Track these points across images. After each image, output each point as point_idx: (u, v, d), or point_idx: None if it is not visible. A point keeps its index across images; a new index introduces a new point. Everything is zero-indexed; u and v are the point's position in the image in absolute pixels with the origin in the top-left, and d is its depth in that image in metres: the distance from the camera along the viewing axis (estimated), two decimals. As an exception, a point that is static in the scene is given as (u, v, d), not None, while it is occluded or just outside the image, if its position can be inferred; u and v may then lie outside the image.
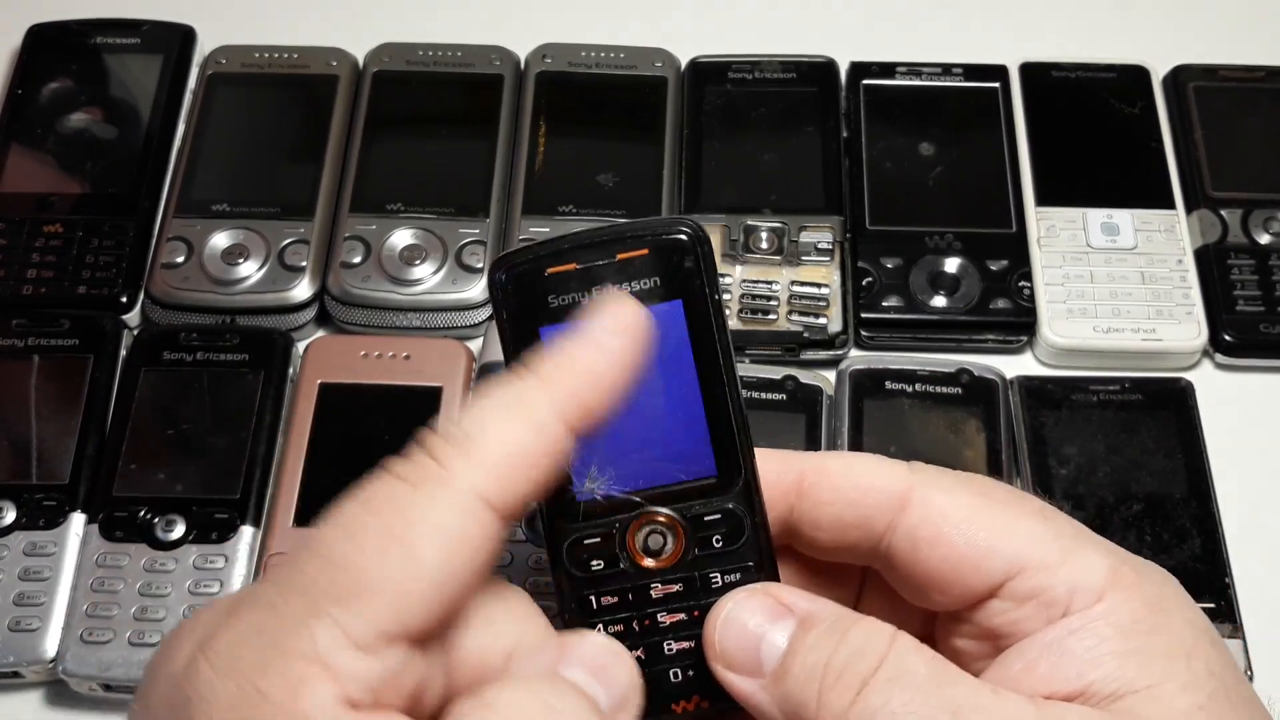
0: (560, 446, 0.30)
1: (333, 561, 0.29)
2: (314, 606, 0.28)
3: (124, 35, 0.68)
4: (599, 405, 0.31)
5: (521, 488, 0.30)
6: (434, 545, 0.29)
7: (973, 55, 0.67)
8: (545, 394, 0.30)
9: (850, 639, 0.31)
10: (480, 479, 0.30)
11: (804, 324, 0.59)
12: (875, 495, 0.33)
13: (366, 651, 0.28)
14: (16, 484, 0.54)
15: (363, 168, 0.63)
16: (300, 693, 0.28)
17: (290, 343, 0.59)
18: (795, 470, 0.34)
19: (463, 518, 0.29)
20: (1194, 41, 0.69)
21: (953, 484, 0.33)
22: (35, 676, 0.52)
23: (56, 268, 0.61)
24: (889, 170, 0.64)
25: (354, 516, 0.30)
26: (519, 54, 0.68)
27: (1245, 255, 0.61)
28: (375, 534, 0.29)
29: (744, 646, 0.32)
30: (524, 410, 0.30)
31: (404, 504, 0.29)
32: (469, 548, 0.29)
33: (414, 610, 0.29)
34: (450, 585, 0.29)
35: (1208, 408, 0.57)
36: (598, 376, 0.30)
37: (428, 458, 0.30)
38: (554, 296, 0.32)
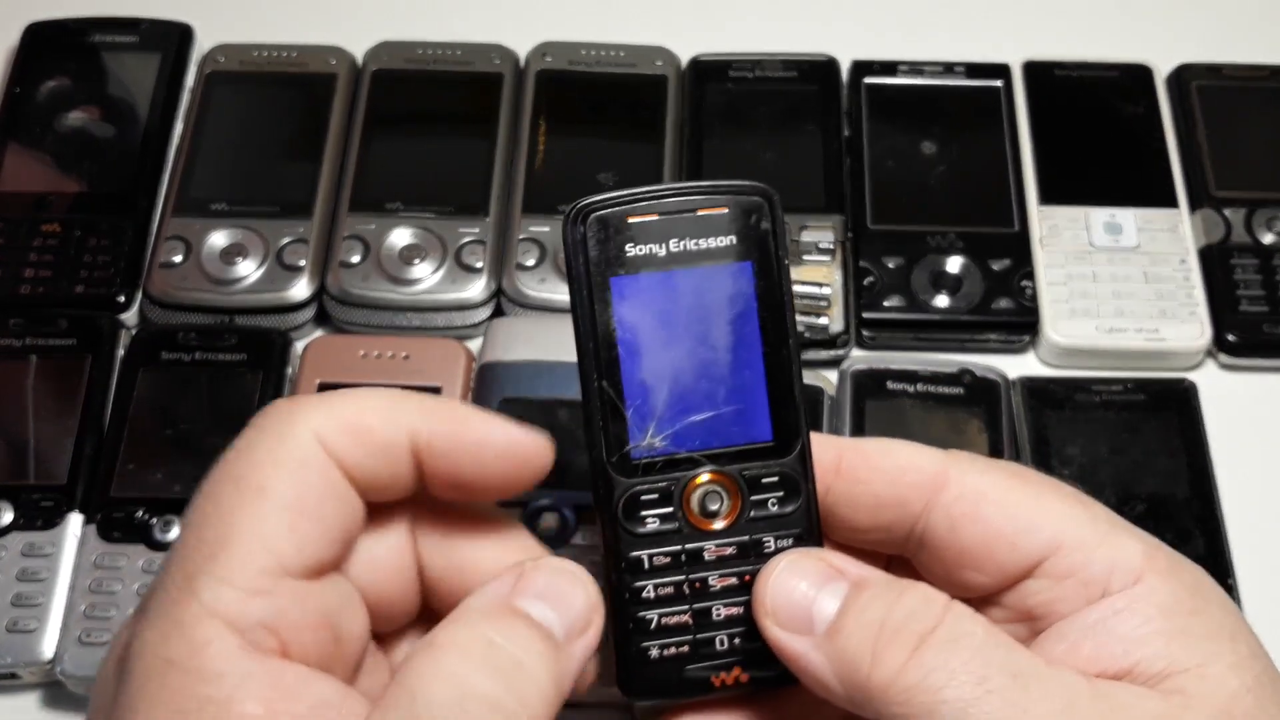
0: (401, 448, 0.32)
1: (198, 524, 0.30)
2: (192, 570, 0.30)
3: (122, 33, 0.68)
4: (444, 439, 0.32)
5: (359, 448, 0.31)
6: (280, 479, 0.30)
7: (975, 54, 0.67)
8: (421, 403, 0.32)
9: (906, 600, 0.31)
10: (321, 423, 0.31)
11: (805, 324, 0.59)
12: (913, 475, 0.33)
13: (252, 594, 0.29)
14: (14, 484, 0.54)
15: (362, 167, 0.63)
16: (203, 652, 0.29)
17: (289, 342, 0.59)
18: (834, 450, 0.34)
19: (304, 454, 0.31)
20: (1197, 40, 0.69)
21: (988, 466, 0.34)
22: (33, 678, 0.52)
23: (54, 267, 0.60)
24: (891, 169, 0.64)
25: (212, 478, 0.31)
26: (519, 52, 0.68)
27: (1249, 255, 0.61)
28: (230, 484, 0.31)
29: (796, 604, 0.32)
30: (394, 399, 0.32)
31: (248, 448, 0.31)
32: (317, 478, 0.31)
33: (282, 540, 0.30)
34: (311, 510, 0.31)
35: (1211, 408, 0.57)
36: (473, 437, 0.32)
37: (284, 402, 0.32)
38: (631, 245, 0.33)
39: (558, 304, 0.60)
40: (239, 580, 0.29)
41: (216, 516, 0.30)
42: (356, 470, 0.32)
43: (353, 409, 0.32)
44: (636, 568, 0.33)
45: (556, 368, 0.56)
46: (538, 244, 0.61)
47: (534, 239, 0.61)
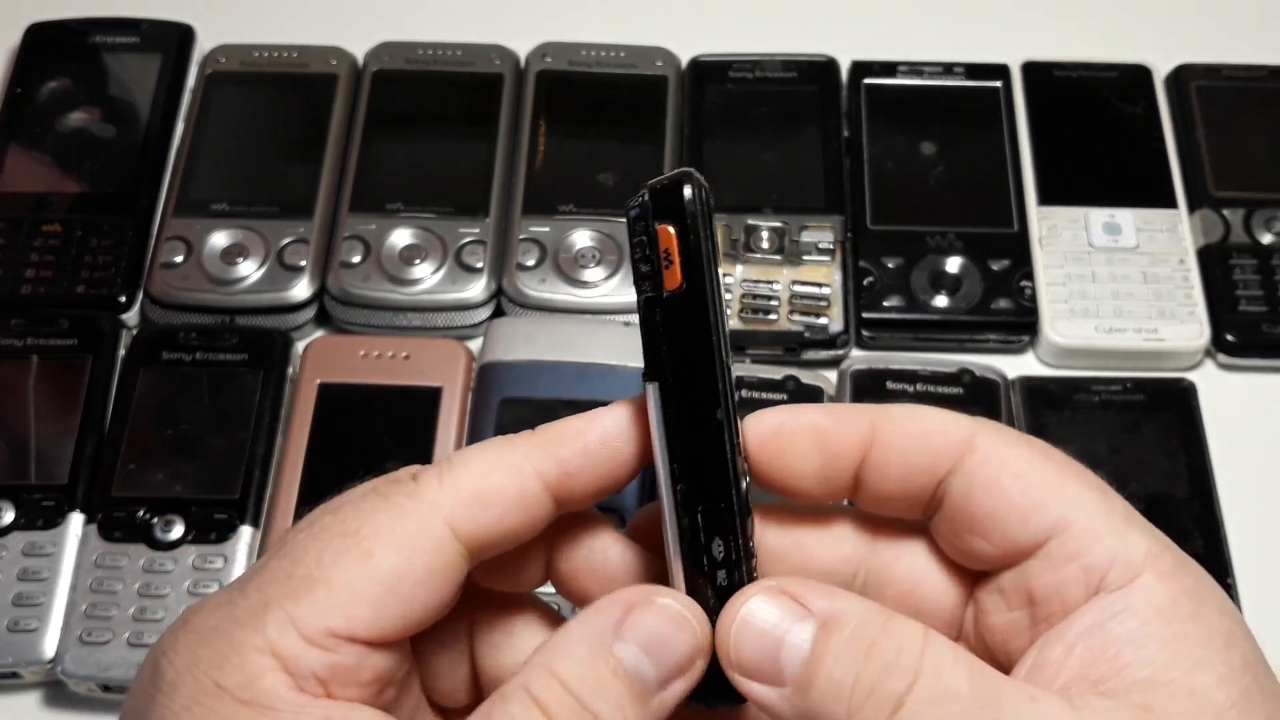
0: (533, 498, 0.32)
1: (292, 558, 0.30)
2: (269, 601, 0.30)
3: (123, 34, 0.68)
4: (581, 474, 0.32)
5: (486, 523, 0.31)
6: (390, 550, 0.30)
7: (974, 54, 0.67)
8: (530, 447, 0.32)
9: (880, 650, 0.29)
10: (447, 502, 0.31)
11: (805, 324, 0.59)
12: (943, 439, 0.33)
13: (315, 646, 0.29)
14: (15, 484, 0.54)
15: (362, 167, 0.63)
16: (256, 684, 0.29)
17: (289, 342, 0.59)
18: (865, 418, 0.33)
19: (422, 531, 0.31)
20: (1196, 41, 0.69)
21: (1016, 439, 0.33)
22: (34, 677, 0.52)
23: (55, 267, 0.60)
24: (890, 170, 0.64)
25: (321, 520, 0.31)
26: (519, 53, 0.68)
27: (1247, 255, 0.61)
28: (337, 536, 0.30)
29: (762, 652, 0.31)
30: (505, 455, 0.32)
31: (370, 512, 0.31)
32: (426, 560, 0.30)
33: (364, 610, 0.30)
34: (404, 591, 0.30)
35: (1210, 408, 0.57)
36: (587, 450, 0.32)
37: (407, 476, 0.32)
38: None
39: (558, 304, 0.60)
40: (307, 630, 0.29)
41: (315, 560, 0.30)
42: (490, 534, 0.31)
43: (475, 473, 0.31)
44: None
45: (557, 368, 0.56)
46: (538, 244, 0.61)
47: (534, 239, 0.61)
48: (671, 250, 0.29)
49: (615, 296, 0.60)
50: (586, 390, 0.56)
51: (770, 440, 0.33)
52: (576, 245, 0.61)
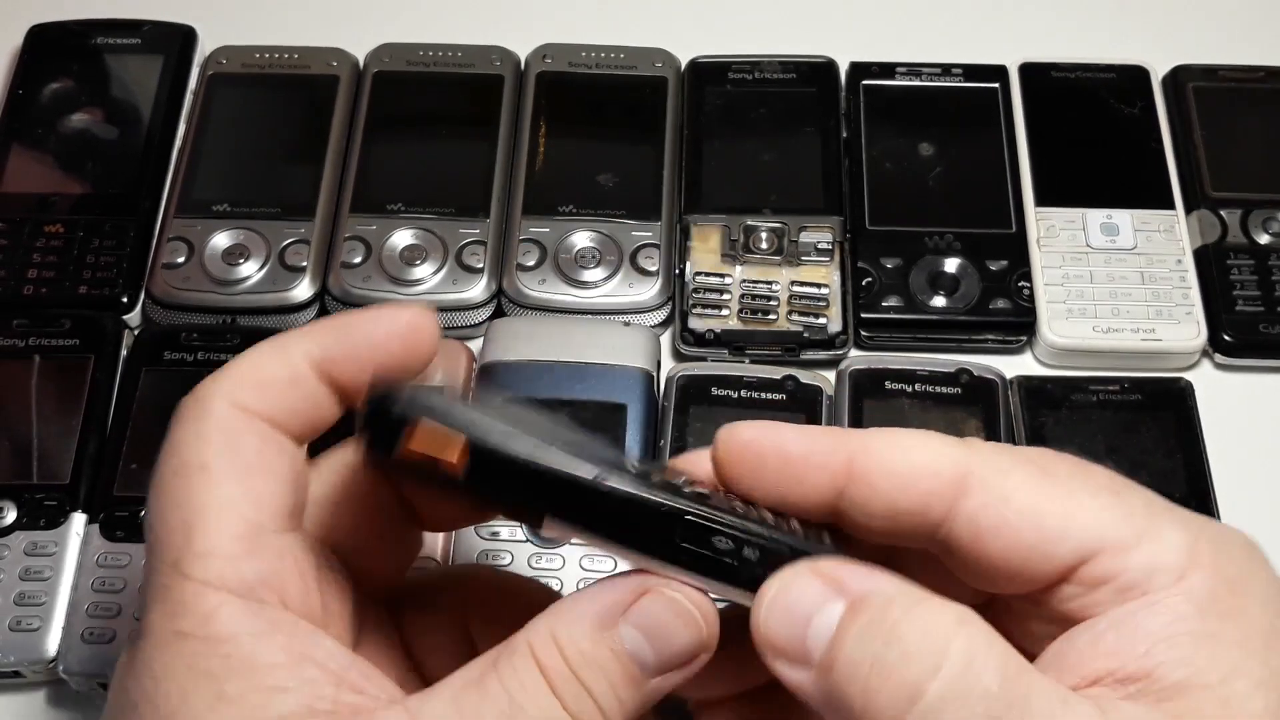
0: (305, 379, 0.33)
1: (161, 517, 0.32)
2: (174, 557, 0.31)
3: (124, 35, 0.68)
4: (344, 361, 0.33)
5: (268, 399, 0.33)
6: (216, 450, 0.32)
7: (972, 55, 0.67)
8: (300, 336, 0.34)
9: (902, 634, 0.28)
10: (229, 390, 0.33)
11: (804, 324, 0.59)
12: (930, 481, 0.31)
13: (238, 557, 0.31)
14: (17, 484, 0.54)
15: (363, 168, 0.64)
16: (213, 620, 0.30)
17: (291, 343, 0.59)
18: (844, 452, 0.31)
19: (225, 418, 0.32)
20: (1194, 42, 0.69)
21: (1012, 464, 0.31)
22: (36, 676, 0.52)
23: (57, 268, 0.61)
24: (889, 170, 0.64)
25: (154, 479, 0.33)
26: (519, 54, 0.68)
27: (1245, 255, 0.61)
28: (172, 474, 0.32)
29: (791, 631, 0.30)
30: (276, 345, 0.34)
31: (178, 439, 0.32)
32: (249, 435, 0.32)
33: (244, 504, 0.31)
34: (256, 468, 0.32)
35: (1207, 408, 0.57)
36: (349, 338, 0.33)
37: (193, 390, 0.33)
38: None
39: (558, 304, 0.60)
40: (221, 549, 0.30)
41: (173, 504, 0.31)
42: (279, 416, 0.33)
43: (246, 363, 0.33)
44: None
45: (557, 367, 0.57)
46: (538, 244, 0.61)
47: (534, 240, 0.61)
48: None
49: (615, 297, 0.60)
50: (586, 390, 0.56)
51: (737, 457, 0.32)
52: (576, 246, 0.61)
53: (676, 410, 0.56)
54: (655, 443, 0.55)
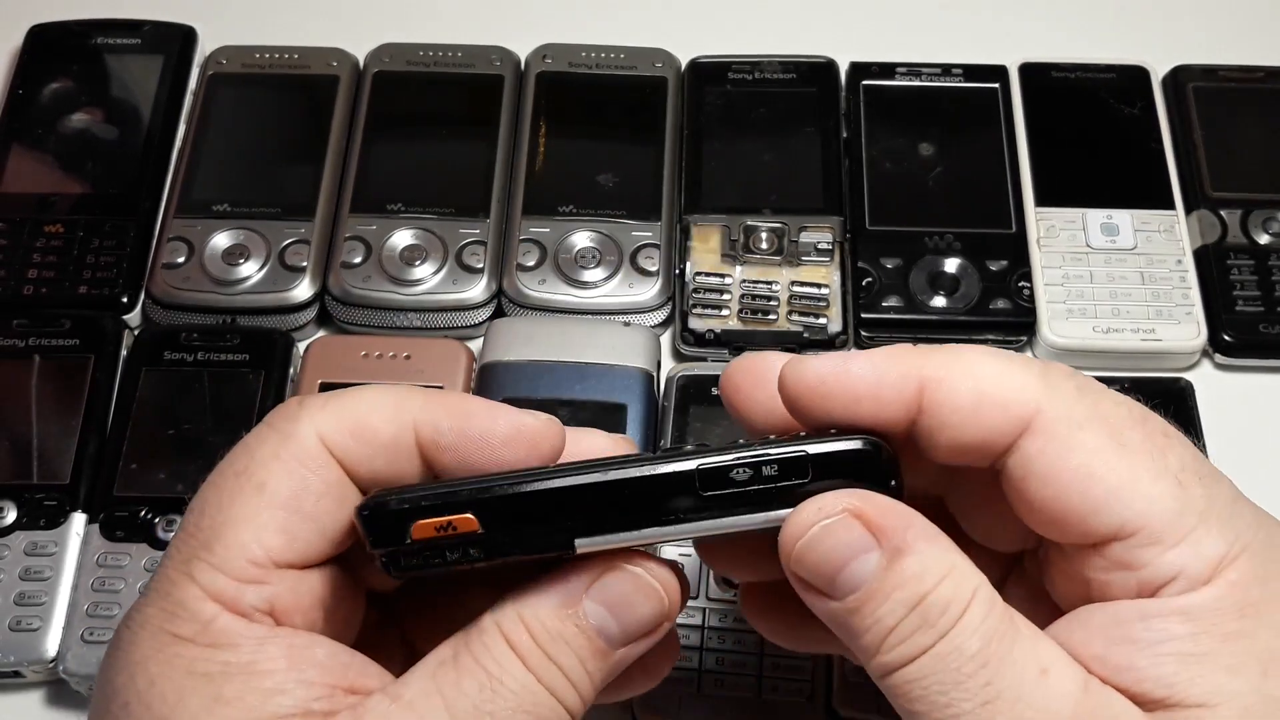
0: (405, 450, 0.32)
1: (197, 512, 0.32)
2: (189, 555, 0.31)
3: (125, 36, 0.68)
4: (451, 450, 0.32)
5: (358, 456, 0.32)
6: (280, 476, 0.32)
7: (972, 56, 0.68)
8: (422, 402, 0.33)
9: (927, 606, 0.29)
10: (328, 426, 0.32)
11: (804, 324, 0.59)
12: (998, 416, 0.31)
13: (244, 581, 0.31)
14: (17, 484, 0.54)
15: (363, 168, 0.64)
16: (212, 627, 0.30)
17: (291, 343, 0.59)
18: (914, 382, 0.31)
19: (305, 452, 0.32)
20: (1193, 42, 0.69)
21: (1087, 416, 0.31)
22: (36, 676, 0.52)
23: (57, 268, 0.61)
24: (889, 171, 0.64)
25: (219, 468, 0.33)
26: (519, 54, 0.68)
27: (1244, 255, 0.61)
28: (230, 477, 0.32)
29: (824, 566, 0.30)
30: (394, 399, 0.33)
31: (255, 443, 0.32)
32: (318, 476, 0.32)
33: (274, 536, 0.31)
34: (307, 509, 0.32)
35: (1207, 408, 0.57)
36: (466, 432, 0.32)
37: (294, 402, 0.33)
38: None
39: (558, 304, 0.60)
40: (231, 569, 0.31)
41: (216, 506, 0.32)
42: (361, 468, 0.32)
43: (357, 408, 0.32)
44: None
45: (556, 368, 0.57)
46: (538, 245, 0.61)
47: (534, 240, 0.61)
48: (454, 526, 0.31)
49: (615, 297, 0.60)
50: (586, 390, 0.56)
51: (805, 394, 0.32)
52: (576, 246, 0.61)
53: (676, 410, 0.56)
54: (655, 442, 0.55)
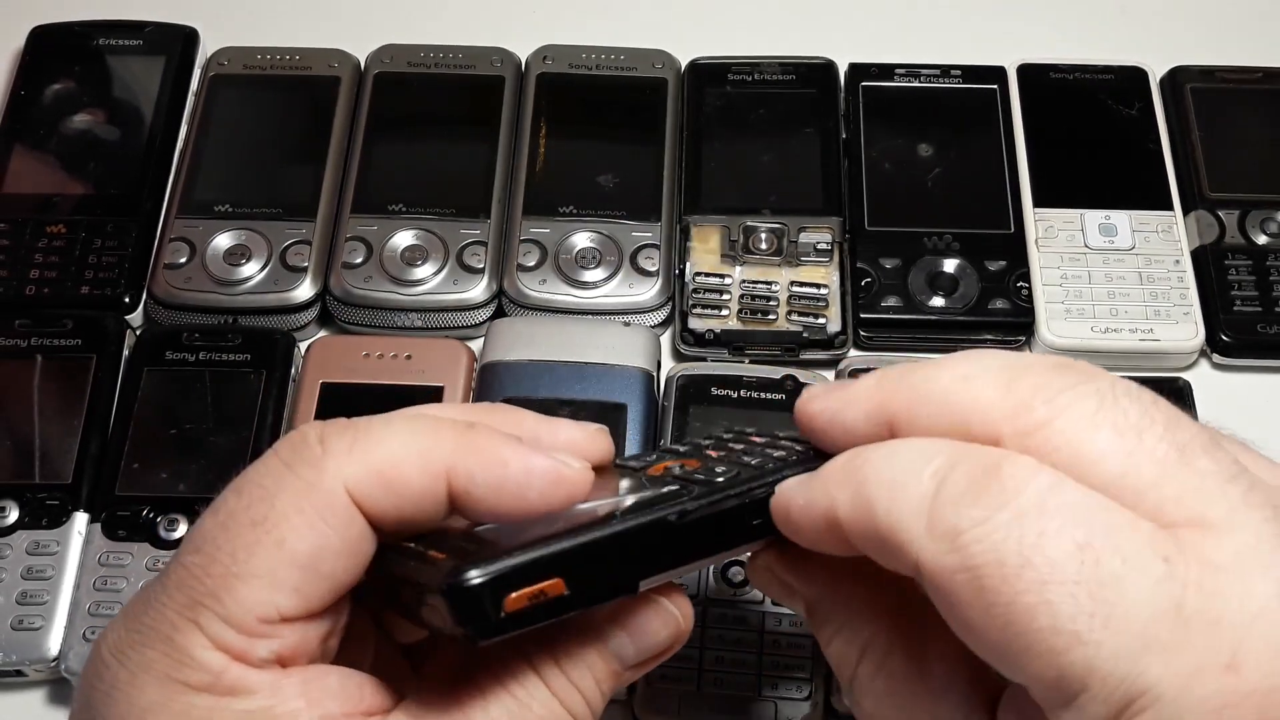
0: (435, 498, 0.31)
1: (209, 551, 0.30)
2: (194, 600, 0.30)
3: (126, 37, 0.68)
4: (484, 501, 0.31)
5: (385, 506, 0.31)
6: (301, 531, 0.30)
7: (971, 57, 0.68)
8: (454, 446, 0.31)
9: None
10: (353, 475, 0.30)
11: (803, 324, 0.59)
12: (979, 428, 0.30)
13: (254, 636, 0.30)
14: (19, 483, 0.54)
15: (364, 169, 0.64)
16: (224, 677, 0.29)
17: (292, 343, 0.59)
18: (884, 427, 0.31)
19: (329, 508, 0.30)
20: (1192, 43, 0.69)
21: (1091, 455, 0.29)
22: (38, 675, 0.52)
23: (59, 268, 0.61)
24: (888, 171, 0.64)
25: (227, 505, 0.31)
26: (520, 55, 0.68)
27: (1242, 256, 0.61)
28: (246, 526, 0.30)
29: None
30: (424, 441, 0.31)
31: (273, 487, 0.30)
32: (338, 534, 0.30)
33: (287, 596, 0.30)
34: (324, 568, 0.30)
35: (1205, 408, 0.57)
36: (502, 484, 0.31)
37: (314, 438, 0.31)
38: None
39: (558, 304, 0.60)
40: (240, 624, 0.30)
41: (230, 554, 0.30)
42: (385, 516, 0.31)
43: (386, 454, 0.31)
44: None
45: (557, 368, 0.57)
46: (538, 245, 0.61)
47: (535, 240, 0.61)
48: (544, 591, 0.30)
49: (615, 297, 0.60)
50: (586, 390, 0.56)
51: (809, 428, 0.33)
52: (577, 246, 0.61)
53: (676, 410, 0.56)
54: (655, 442, 0.55)
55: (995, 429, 0.29)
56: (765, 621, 0.50)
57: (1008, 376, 0.30)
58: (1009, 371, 0.30)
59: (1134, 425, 0.29)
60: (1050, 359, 0.31)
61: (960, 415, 0.30)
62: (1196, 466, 0.28)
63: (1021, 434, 0.29)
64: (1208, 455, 0.29)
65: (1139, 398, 0.29)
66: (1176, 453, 0.28)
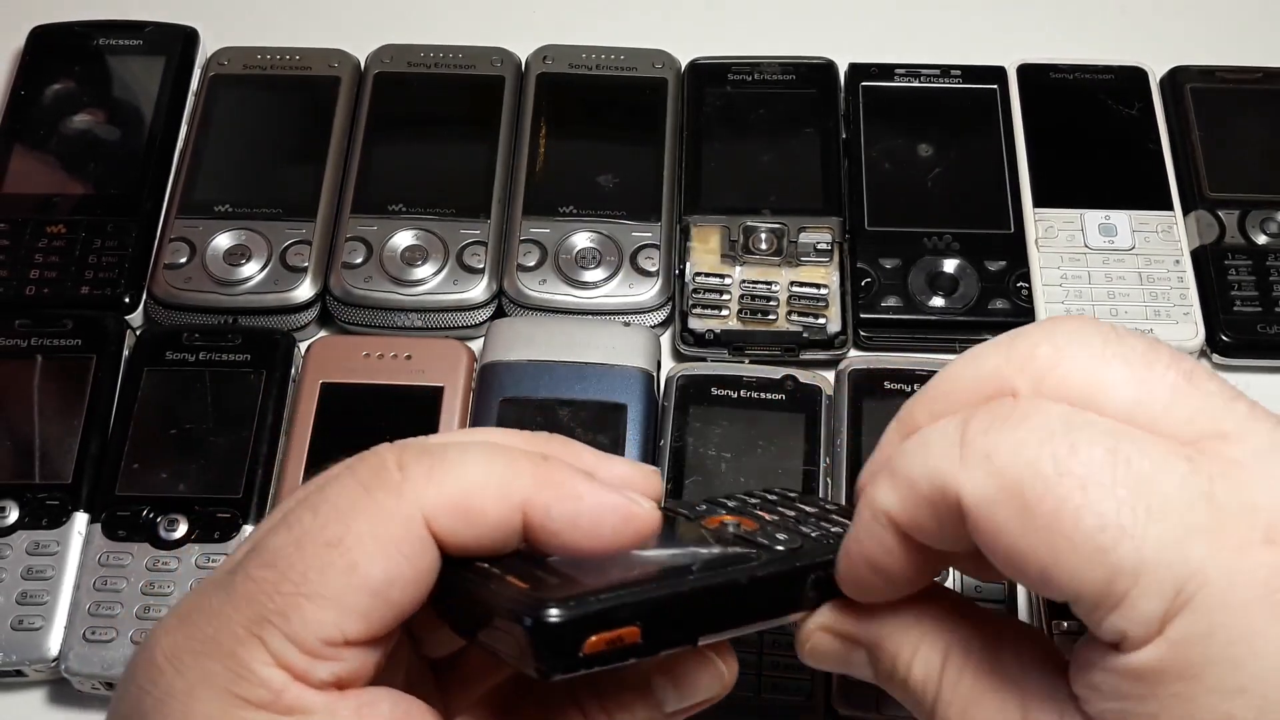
0: (510, 530, 0.31)
1: (277, 570, 0.30)
2: (261, 615, 0.30)
3: (126, 37, 0.68)
4: (559, 534, 0.31)
5: (463, 537, 0.31)
6: (375, 558, 0.30)
7: (971, 57, 0.68)
8: (532, 480, 0.31)
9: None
10: (431, 504, 0.30)
11: (803, 324, 0.59)
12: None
13: (317, 658, 0.30)
14: (19, 483, 0.54)
15: (364, 169, 0.64)
16: (283, 696, 0.29)
17: (292, 343, 0.59)
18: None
19: (406, 536, 0.30)
20: (1191, 43, 0.69)
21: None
22: (38, 675, 0.52)
23: (59, 268, 0.61)
24: (888, 171, 0.64)
25: (300, 520, 0.30)
26: (520, 55, 0.68)
27: (1242, 256, 0.61)
28: (321, 546, 0.30)
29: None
30: (503, 473, 0.31)
31: (350, 510, 0.30)
32: (412, 564, 0.30)
33: (355, 621, 0.30)
34: (394, 597, 0.30)
35: (1205, 408, 0.57)
36: (577, 520, 0.31)
37: (393, 462, 0.31)
38: None
39: (558, 304, 0.60)
40: (305, 644, 0.30)
41: (300, 571, 0.30)
42: (458, 544, 0.31)
43: (465, 483, 0.31)
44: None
45: (557, 368, 0.57)
46: (538, 245, 0.61)
47: (535, 240, 0.61)
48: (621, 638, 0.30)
49: (615, 297, 0.60)
50: (586, 390, 0.56)
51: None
52: (577, 246, 0.61)
53: (676, 410, 0.56)
54: (655, 442, 0.56)
55: (1009, 384, 0.31)
56: (765, 622, 0.50)
57: (1009, 339, 0.32)
58: (1009, 335, 0.32)
59: (1141, 356, 0.30)
60: (1045, 319, 0.32)
61: (975, 386, 0.32)
62: (1205, 389, 0.30)
63: (1035, 380, 0.31)
64: (1212, 379, 0.31)
65: (1140, 335, 0.31)
66: (1184, 378, 0.30)
